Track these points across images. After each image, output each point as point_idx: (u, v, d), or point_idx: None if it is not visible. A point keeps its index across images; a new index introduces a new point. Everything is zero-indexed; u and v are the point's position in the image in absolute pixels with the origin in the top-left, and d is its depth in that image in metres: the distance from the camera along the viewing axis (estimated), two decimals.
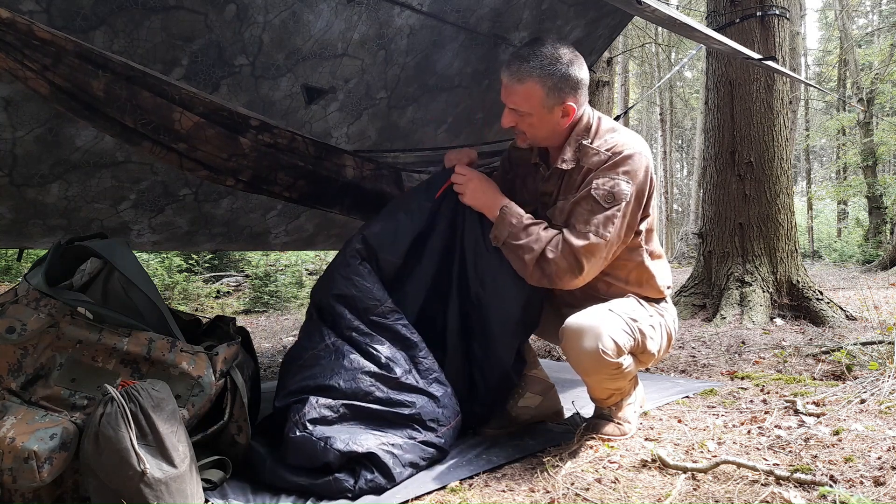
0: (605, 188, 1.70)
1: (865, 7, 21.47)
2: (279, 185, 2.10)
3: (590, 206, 1.71)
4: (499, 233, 1.78)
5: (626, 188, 1.70)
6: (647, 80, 20.13)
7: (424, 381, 1.73)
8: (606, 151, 1.74)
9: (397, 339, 1.77)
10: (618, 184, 1.70)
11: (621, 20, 3.54)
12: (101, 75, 1.58)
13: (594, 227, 1.69)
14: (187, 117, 1.76)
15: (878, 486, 1.35)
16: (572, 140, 1.80)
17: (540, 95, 1.72)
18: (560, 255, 1.69)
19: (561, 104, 1.74)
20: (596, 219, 1.69)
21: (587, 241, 1.68)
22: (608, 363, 1.64)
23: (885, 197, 13.26)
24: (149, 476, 1.25)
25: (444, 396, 1.74)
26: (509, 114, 1.79)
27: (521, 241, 1.73)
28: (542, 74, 1.70)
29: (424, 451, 1.62)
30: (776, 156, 4.38)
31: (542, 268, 1.71)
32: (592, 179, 1.72)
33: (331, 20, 2.50)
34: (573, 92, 1.75)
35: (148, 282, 1.62)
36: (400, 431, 1.62)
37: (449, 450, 1.70)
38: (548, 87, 1.71)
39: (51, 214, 2.57)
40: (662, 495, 1.39)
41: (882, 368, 2.29)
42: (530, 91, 1.71)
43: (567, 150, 1.80)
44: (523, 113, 1.75)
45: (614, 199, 1.70)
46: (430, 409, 1.68)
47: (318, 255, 9.59)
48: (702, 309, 4.48)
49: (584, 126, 1.81)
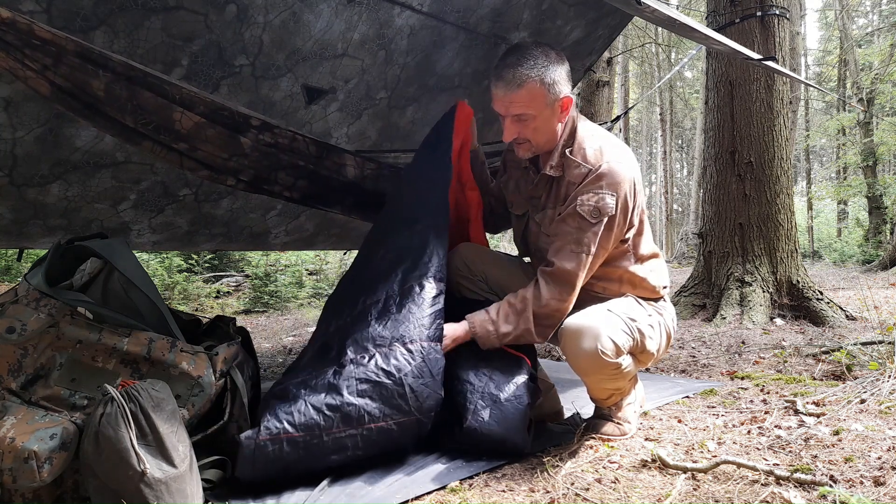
0: (591, 203, 1.72)
1: (865, 7, 21.48)
2: (280, 184, 2.10)
3: (577, 224, 1.73)
4: (489, 343, 1.77)
5: (610, 201, 1.71)
6: (647, 80, 20.13)
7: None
8: (587, 164, 1.75)
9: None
10: (602, 198, 1.71)
11: (621, 20, 3.55)
12: (101, 75, 1.58)
13: (585, 245, 1.72)
14: (188, 117, 1.76)
15: (878, 486, 1.35)
16: (560, 144, 1.81)
17: (543, 93, 1.72)
18: (550, 296, 1.73)
19: (559, 99, 1.76)
20: (586, 237, 1.72)
21: (578, 261, 1.72)
22: (607, 363, 1.64)
23: (885, 197, 13.25)
24: (149, 476, 1.25)
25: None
26: (512, 125, 1.77)
27: (511, 331, 1.75)
28: (539, 73, 1.71)
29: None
30: (776, 156, 4.38)
31: (544, 324, 1.75)
32: (577, 196, 1.74)
33: (331, 20, 2.50)
34: (566, 84, 1.78)
35: (148, 282, 1.62)
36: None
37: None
38: (547, 84, 1.72)
39: (51, 214, 2.57)
40: (662, 495, 1.39)
41: (882, 368, 2.29)
42: (533, 92, 1.71)
43: (555, 156, 1.81)
44: (528, 118, 1.74)
45: (600, 213, 1.71)
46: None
47: (318, 255, 9.59)
48: (702, 309, 4.48)
49: (570, 131, 1.82)
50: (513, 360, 1.78)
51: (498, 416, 1.65)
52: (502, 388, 1.70)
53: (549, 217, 1.83)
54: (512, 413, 1.66)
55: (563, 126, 1.81)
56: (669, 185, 22.18)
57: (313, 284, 8.66)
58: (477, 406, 1.66)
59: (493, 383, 1.71)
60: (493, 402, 1.67)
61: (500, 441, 1.64)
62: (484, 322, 1.76)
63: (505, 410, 1.66)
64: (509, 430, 1.64)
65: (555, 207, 1.81)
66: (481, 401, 1.67)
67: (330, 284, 8.77)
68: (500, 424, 1.64)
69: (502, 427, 1.64)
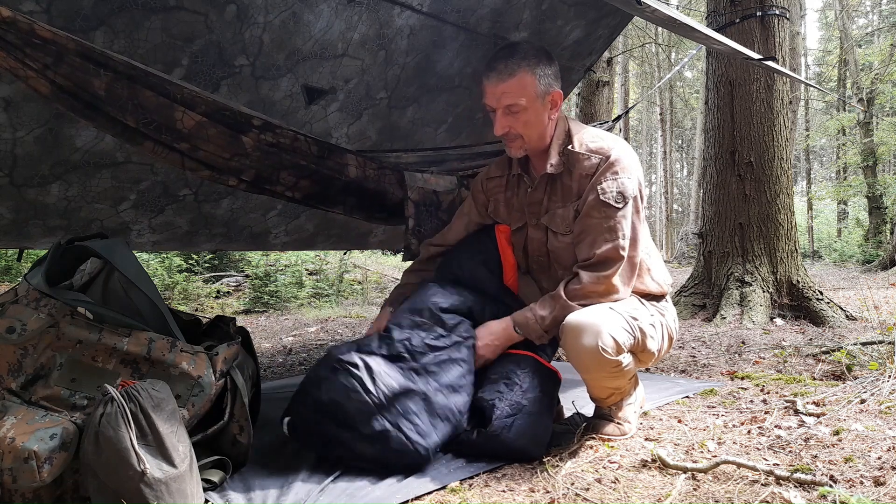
0: (614, 189, 1.75)
1: (865, 7, 21.47)
2: (282, 184, 2.09)
3: (604, 213, 1.74)
4: (530, 329, 1.77)
5: (629, 184, 1.76)
6: (647, 80, 20.12)
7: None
8: (596, 155, 1.78)
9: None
10: (622, 182, 1.75)
11: (621, 20, 3.55)
12: (102, 74, 1.58)
13: (619, 231, 1.73)
14: (189, 116, 1.76)
15: (878, 486, 1.35)
16: (555, 144, 1.84)
17: (533, 83, 1.75)
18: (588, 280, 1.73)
19: (549, 93, 1.79)
20: (617, 223, 1.73)
21: (615, 246, 1.73)
22: (607, 361, 1.64)
23: (885, 197, 13.26)
24: (149, 476, 1.24)
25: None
26: (503, 118, 1.79)
27: (549, 314, 1.75)
28: (529, 64, 1.75)
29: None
30: (776, 156, 4.38)
31: (580, 302, 1.74)
32: (595, 186, 1.76)
33: (331, 20, 2.50)
34: (556, 80, 1.81)
35: (148, 282, 1.62)
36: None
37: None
38: (538, 75, 1.76)
39: (51, 215, 2.57)
40: (662, 495, 1.39)
41: (882, 368, 2.29)
42: (524, 81, 1.74)
43: (552, 154, 1.83)
44: (519, 110, 1.76)
45: (624, 197, 1.75)
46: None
47: (318, 255, 9.59)
48: (702, 309, 4.48)
49: (563, 130, 1.86)
50: (545, 372, 1.77)
51: (523, 428, 1.63)
52: (531, 399, 1.68)
53: (560, 216, 1.84)
54: (538, 425, 1.66)
55: (553, 123, 1.84)
56: (669, 185, 22.19)
57: (313, 284, 8.66)
58: (504, 412, 1.65)
59: (521, 392, 1.69)
60: (519, 411, 1.65)
61: (522, 451, 1.63)
62: (523, 311, 1.79)
63: (531, 422, 1.65)
64: (532, 441, 1.64)
65: (565, 205, 1.83)
66: (508, 408, 1.66)
67: (330, 284, 8.78)
68: (524, 436, 1.63)
69: (526, 438, 1.63)
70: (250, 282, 8.09)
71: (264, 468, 1.64)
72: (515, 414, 1.65)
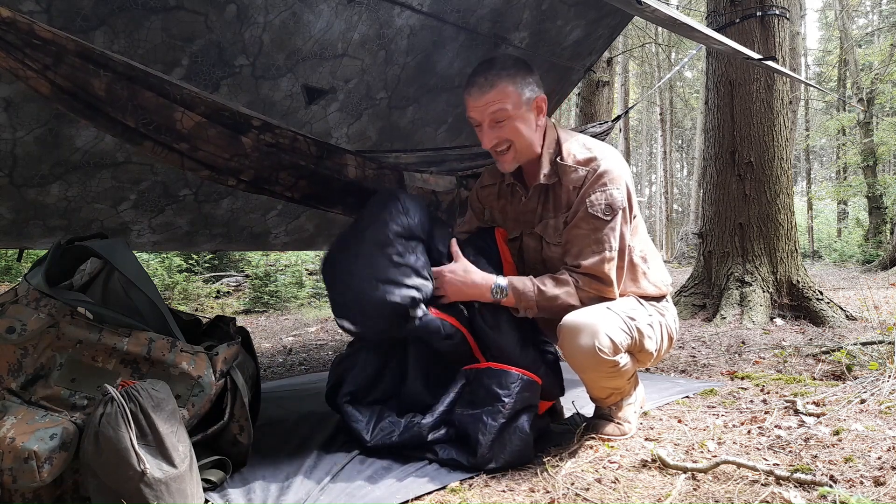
0: (602, 202, 1.75)
1: (865, 7, 21.48)
2: (281, 185, 2.09)
3: (592, 225, 1.74)
4: (525, 300, 1.75)
5: (618, 195, 1.76)
6: (647, 80, 20.13)
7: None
8: (584, 167, 1.78)
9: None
10: (611, 194, 1.75)
11: (621, 20, 3.55)
12: (102, 75, 1.58)
13: (606, 243, 1.73)
14: (189, 117, 1.76)
15: (878, 486, 1.35)
16: (545, 153, 1.84)
17: (515, 91, 1.76)
18: (583, 284, 1.74)
19: (533, 99, 1.79)
20: (604, 235, 1.73)
21: (602, 257, 1.73)
22: (604, 360, 1.64)
23: (885, 197, 13.27)
24: (149, 476, 1.25)
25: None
26: (490, 130, 1.78)
27: (554, 303, 1.74)
28: (509, 74, 1.75)
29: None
30: (776, 156, 4.39)
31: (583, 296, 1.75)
32: (584, 198, 1.76)
33: (331, 20, 2.50)
34: (539, 88, 1.82)
35: (148, 282, 1.62)
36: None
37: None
38: (519, 84, 1.76)
39: (51, 215, 2.57)
40: (662, 495, 1.39)
41: (882, 368, 2.29)
42: (506, 90, 1.75)
43: (545, 163, 1.83)
44: (505, 117, 1.76)
45: (612, 209, 1.74)
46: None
47: (318, 255, 9.59)
48: (702, 309, 4.48)
49: (553, 139, 1.86)
50: (526, 383, 1.71)
51: (510, 452, 1.61)
52: (513, 420, 1.65)
53: (552, 227, 1.85)
54: (521, 445, 1.63)
55: (542, 130, 1.84)
56: (669, 185, 22.19)
57: (313, 284, 8.66)
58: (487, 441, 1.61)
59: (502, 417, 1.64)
60: (501, 434, 1.62)
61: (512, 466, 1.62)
62: (522, 279, 1.77)
63: (514, 443, 1.62)
64: (518, 460, 1.63)
65: (556, 216, 1.83)
66: (492, 434, 1.62)
67: None
68: (510, 456, 1.61)
69: (513, 458, 1.61)
70: (250, 282, 8.09)
71: (264, 468, 1.64)
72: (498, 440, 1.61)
